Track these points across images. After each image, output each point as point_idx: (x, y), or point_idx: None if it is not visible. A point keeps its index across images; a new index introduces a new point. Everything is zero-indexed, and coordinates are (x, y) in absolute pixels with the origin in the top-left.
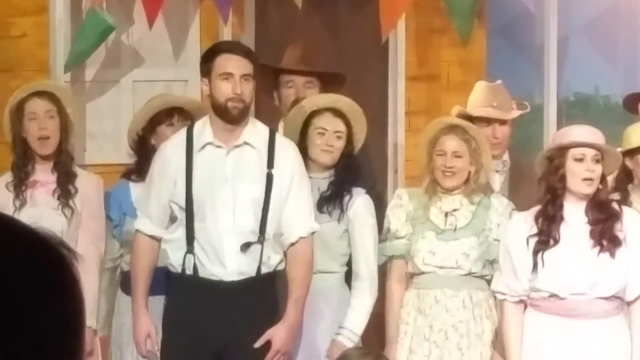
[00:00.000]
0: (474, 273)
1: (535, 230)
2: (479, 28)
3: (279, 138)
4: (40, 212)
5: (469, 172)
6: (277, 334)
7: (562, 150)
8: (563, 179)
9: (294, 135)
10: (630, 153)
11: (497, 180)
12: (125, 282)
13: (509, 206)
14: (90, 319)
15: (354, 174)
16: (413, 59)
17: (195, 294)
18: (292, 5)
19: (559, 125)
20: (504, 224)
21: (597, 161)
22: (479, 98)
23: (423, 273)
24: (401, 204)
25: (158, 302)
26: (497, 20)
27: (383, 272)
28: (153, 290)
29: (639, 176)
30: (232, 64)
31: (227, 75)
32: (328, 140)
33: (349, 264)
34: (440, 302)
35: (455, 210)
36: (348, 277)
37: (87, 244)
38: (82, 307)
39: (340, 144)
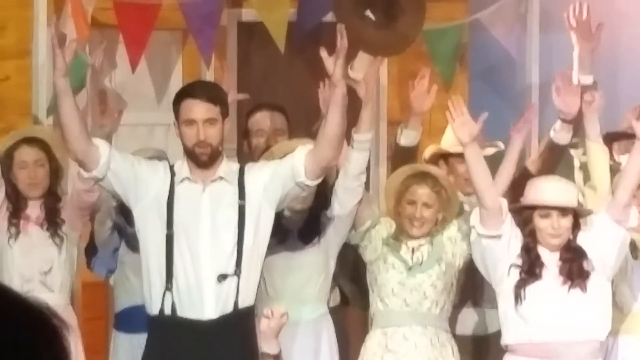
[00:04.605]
0: (437, 312)
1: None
2: (461, 73)
3: (248, 170)
4: (32, 241)
5: (437, 219)
6: None
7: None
8: (532, 233)
9: None
10: None
11: None
12: (119, 321)
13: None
14: None
15: (326, 206)
16: (395, 103)
17: (175, 335)
18: (275, 49)
19: None
20: (464, 249)
21: (564, 215)
22: (454, 136)
23: (388, 311)
24: (385, 228)
25: (136, 341)
26: (479, 65)
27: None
28: (132, 328)
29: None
30: (195, 110)
31: (190, 122)
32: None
33: None
34: (409, 339)
35: (421, 245)
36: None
37: None
38: None
39: (310, 200)
